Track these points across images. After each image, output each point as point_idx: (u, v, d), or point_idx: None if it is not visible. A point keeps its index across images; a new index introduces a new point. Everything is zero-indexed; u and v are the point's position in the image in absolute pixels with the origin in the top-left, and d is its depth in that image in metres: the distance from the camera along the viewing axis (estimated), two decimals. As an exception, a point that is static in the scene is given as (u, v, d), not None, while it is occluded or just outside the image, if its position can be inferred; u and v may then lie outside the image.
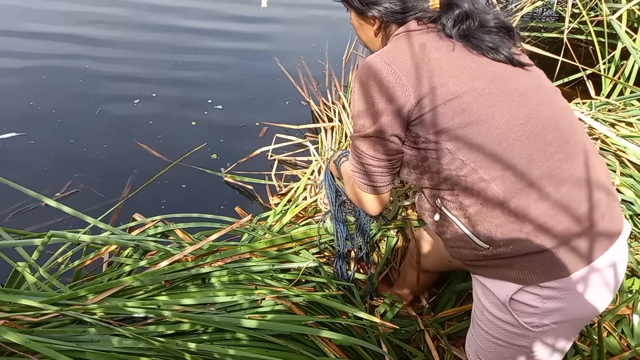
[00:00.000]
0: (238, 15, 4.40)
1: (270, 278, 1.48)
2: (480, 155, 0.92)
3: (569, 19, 2.79)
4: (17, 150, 2.56)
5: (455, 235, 1.00)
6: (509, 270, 0.93)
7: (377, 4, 1.05)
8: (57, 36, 3.77)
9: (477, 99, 0.93)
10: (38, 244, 1.47)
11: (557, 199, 0.91)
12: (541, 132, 0.94)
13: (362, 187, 1.09)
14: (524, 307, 0.94)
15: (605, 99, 2.36)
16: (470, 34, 0.98)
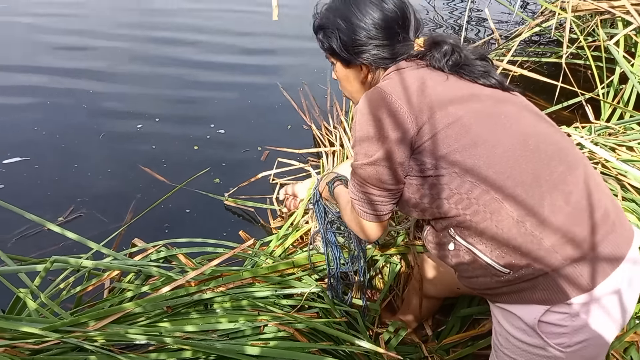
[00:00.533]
0: (241, 42, 4.47)
1: (273, 304, 1.47)
2: (489, 175, 0.92)
3: (566, 44, 2.84)
4: (21, 175, 2.58)
5: (472, 264, 0.99)
6: (533, 292, 0.92)
7: (365, 52, 1.07)
8: (61, 63, 3.83)
9: (477, 120, 0.95)
10: (40, 269, 1.46)
11: (569, 210, 0.91)
12: (542, 147, 0.96)
13: (364, 215, 1.09)
14: (554, 328, 0.92)
15: (605, 123, 2.38)
16: (461, 64, 1.02)
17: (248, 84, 3.74)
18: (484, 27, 5.05)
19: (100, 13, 4.88)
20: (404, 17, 1.07)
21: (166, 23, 4.78)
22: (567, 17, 2.87)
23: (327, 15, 1.11)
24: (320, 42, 1.15)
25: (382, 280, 1.86)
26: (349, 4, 1.07)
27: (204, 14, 5.11)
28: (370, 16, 1.05)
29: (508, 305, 0.98)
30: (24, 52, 3.93)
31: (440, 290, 1.57)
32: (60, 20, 4.57)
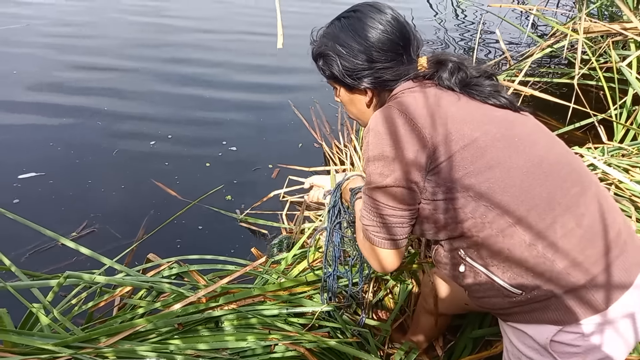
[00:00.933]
0: (254, 61, 4.53)
1: (284, 322, 1.47)
2: (504, 199, 0.92)
3: (579, 65, 2.84)
4: (36, 190, 2.61)
5: (484, 285, 0.98)
6: (545, 312, 0.91)
7: (367, 76, 1.05)
8: (77, 82, 3.90)
9: (493, 142, 0.94)
10: (53, 285, 1.47)
11: (581, 233, 0.91)
12: (555, 169, 0.95)
13: (380, 242, 1.03)
14: (566, 348, 0.92)
15: (618, 144, 2.37)
16: (469, 83, 1.01)
17: (260, 103, 3.78)
18: (494, 48, 5.07)
19: (116, 34, 4.98)
20: (404, 37, 1.05)
21: (178, 43, 4.87)
22: (578, 39, 2.88)
23: (325, 42, 1.09)
24: (321, 69, 1.14)
25: (393, 301, 1.85)
26: (347, 29, 1.05)
27: (216, 34, 5.20)
28: (371, 40, 1.03)
29: (520, 325, 0.97)
30: (41, 70, 4.01)
31: (450, 307, 1.55)
32: (77, 40, 4.67)
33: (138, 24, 5.22)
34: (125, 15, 5.48)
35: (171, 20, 5.43)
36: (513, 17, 5.81)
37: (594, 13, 4.33)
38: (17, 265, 1.56)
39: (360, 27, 1.03)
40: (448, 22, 5.86)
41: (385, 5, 1.07)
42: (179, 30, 5.17)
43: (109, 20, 5.28)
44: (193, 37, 5.00)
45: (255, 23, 5.56)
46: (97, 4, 5.76)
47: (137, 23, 5.24)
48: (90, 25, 5.08)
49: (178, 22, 5.37)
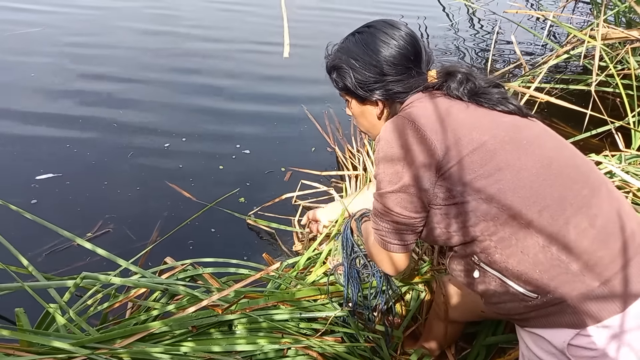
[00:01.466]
0: (268, 67, 4.56)
1: (297, 327, 1.47)
2: (515, 200, 0.92)
3: (596, 72, 2.81)
4: (53, 191, 2.64)
5: (499, 291, 0.99)
6: (562, 315, 0.91)
7: (379, 88, 1.10)
8: (93, 86, 3.95)
9: (502, 145, 0.96)
10: (70, 285, 1.49)
11: (595, 233, 0.91)
12: (565, 170, 0.96)
13: (388, 246, 1.07)
14: (584, 352, 0.91)
15: (636, 152, 2.34)
16: (478, 92, 1.03)
17: (274, 108, 3.79)
18: (510, 55, 5.05)
19: (131, 40, 5.03)
20: (415, 51, 1.09)
21: (191, 51, 4.91)
22: (596, 45, 2.85)
23: (339, 55, 1.15)
24: (334, 81, 1.19)
25: (405, 308, 1.84)
26: (360, 44, 1.10)
27: (227, 43, 5.24)
28: (383, 54, 1.07)
29: (537, 330, 0.97)
30: (58, 75, 4.06)
31: (464, 314, 1.54)
32: (90, 48, 4.72)
33: (151, 32, 5.27)
34: (138, 23, 5.55)
35: (183, 29, 5.49)
36: (529, 24, 5.78)
37: (611, 20, 4.29)
38: (33, 265, 1.59)
39: (372, 42, 1.08)
40: (463, 31, 5.84)
41: (398, 22, 1.12)
42: (191, 39, 5.21)
43: (122, 29, 5.34)
44: (204, 46, 5.04)
45: (266, 32, 5.59)
46: (110, 13, 5.84)
47: (150, 32, 5.30)
48: (103, 34, 5.14)
49: (190, 31, 5.41)
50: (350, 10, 6.31)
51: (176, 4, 6.29)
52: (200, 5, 6.35)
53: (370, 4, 6.65)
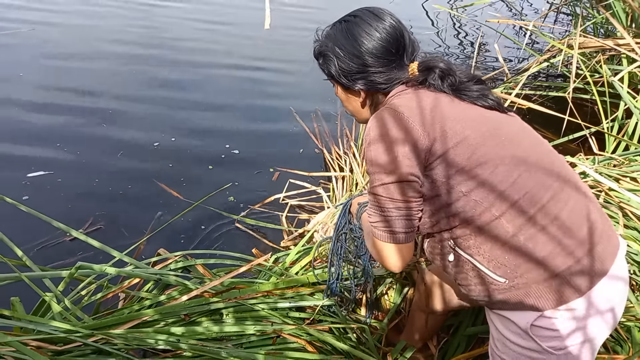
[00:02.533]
0: (258, 69, 4.62)
1: (286, 316, 1.53)
2: (492, 194, 0.99)
3: (573, 79, 2.93)
4: (44, 188, 2.68)
5: (470, 274, 1.06)
6: (526, 299, 0.99)
7: (361, 79, 1.12)
8: (81, 85, 3.98)
9: (484, 140, 1.01)
10: (65, 276, 1.53)
11: (560, 225, 0.98)
12: (538, 167, 1.03)
13: (388, 238, 1.06)
14: (546, 332, 0.99)
15: (609, 155, 2.45)
16: (459, 87, 1.08)
17: (263, 109, 3.87)
18: (492, 62, 5.18)
19: (119, 38, 5.06)
20: (397, 44, 1.11)
21: (184, 49, 4.96)
22: (573, 54, 2.97)
23: (326, 42, 1.16)
24: (320, 67, 1.22)
25: (389, 301, 1.90)
26: (345, 33, 1.12)
27: (220, 40, 5.30)
28: (365, 45, 1.09)
29: (504, 312, 1.04)
30: (47, 74, 4.08)
31: (444, 305, 1.59)
32: (81, 46, 4.75)
33: (139, 35, 5.31)
34: (126, 20, 5.58)
35: (173, 24, 5.53)
36: (512, 32, 5.93)
37: (590, 30, 4.44)
38: (27, 258, 1.62)
39: (357, 32, 1.10)
40: (448, 39, 5.97)
41: (384, 12, 1.13)
42: (181, 34, 5.26)
43: (112, 25, 5.37)
44: (196, 43, 5.09)
45: (259, 30, 5.65)
46: (101, 9, 5.86)
47: (138, 34, 5.33)
48: (94, 30, 5.16)
49: (179, 25, 5.46)
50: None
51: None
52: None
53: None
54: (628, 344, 1.65)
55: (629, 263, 1.81)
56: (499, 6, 6.46)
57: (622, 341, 1.67)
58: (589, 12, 4.45)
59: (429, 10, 6.84)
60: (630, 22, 3.32)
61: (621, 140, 2.82)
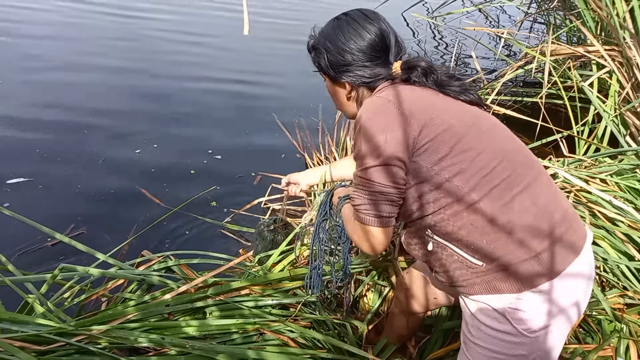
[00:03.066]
0: (241, 76, 4.66)
1: (269, 313, 1.56)
2: (473, 179, 1.05)
3: (546, 85, 3.04)
4: (25, 194, 2.67)
5: (450, 260, 1.11)
6: (503, 281, 1.05)
7: (348, 72, 1.21)
8: (63, 89, 3.98)
9: (467, 130, 1.08)
10: (48, 278, 1.54)
11: (535, 210, 1.05)
12: (514, 156, 1.10)
13: (370, 220, 1.10)
14: (521, 314, 1.05)
15: (578, 157, 2.55)
16: (442, 83, 1.15)
17: (246, 115, 3.91)
18: (470, 69, 5.31)
19: (100, 48, 5.06)
20: (383, 43, 1.20)
21: (163, 53, 4.99)
22: (546, 61, 3.08)
23: (318, 38, 1.26)
24: (312, 60, 1.31)
25: (368, 303, 1.93)
26: (336, 30, 1.21)
27: (201, 46, 5.33)
28: (353, 41, 1.19)
29: (481, 296, 1.09)
30: (24, 81, 4.06)
31: (422, 304, 1.63)
32: (58, 52, 4.75)
33: (122, 40, 5.32)
34: (105, 31, 5.58)
35: (155, 32, 5.55)
36: (491, 41, 6.08)
37: (564, 38, 4.59)
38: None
39: (347, 29, 1.20)
40: (428, 47, 6.10)
41: (374, 14, 1.23)
42: (163, 41, 5.29)
43: (92, 37, 5.38)
44: (177, 50, 5.12)
45: (241, 38, 5.70)
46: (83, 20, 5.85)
47: (121, 39, 5.34)
48: (73, 41, 5.15)
49: (162, 33, 5.48)
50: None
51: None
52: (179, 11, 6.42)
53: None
54: (598, 335, 1.72)
55: (596, 260, 1.89)
56: (477, 16, 6.63)
57: (592, 332, 1.75)
58: (562, 21, 4.60)
59: (409, 19, 6.98)
60: (600, 30, 3.45)
61: (591, 144, 2.92)
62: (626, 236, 1.91)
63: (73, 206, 2.63)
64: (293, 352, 1.41)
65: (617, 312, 1.73)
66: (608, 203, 1.97)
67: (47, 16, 5.77)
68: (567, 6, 4.18)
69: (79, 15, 5.97)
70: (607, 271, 1.89)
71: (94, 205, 2.67)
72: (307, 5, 7.52)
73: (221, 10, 6.69)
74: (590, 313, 1.76)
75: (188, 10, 6.62)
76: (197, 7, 6.80)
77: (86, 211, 2.60)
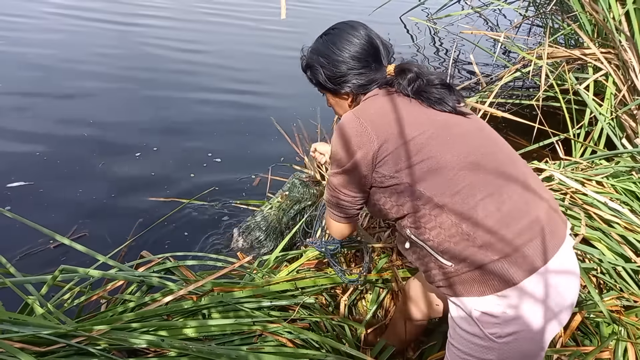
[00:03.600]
0: (240, 80, 4.69)
1: (268, 315, 1.57)
2: (434, 185, 1.10)
3: (543, 88, 3.05)
4: (26, 198, 2.69)
5: (425, 259, 1.16)
6: (471, 284, 1.07)
7: (346, 82, 1.27)
8: (60, 95, 4.00)
9: (428, 140, 1.13)
10: (48, 279, 1.55)
11: (499, 216, 1.07)
12: (482, 163, 1.13)
13: (333, 216, 1.31)
14: (487, 318, 1.07)
15: (574, 159, 2.57)
16: (421, 90, 1.20)
17: (245, 118, 3.93)
18: (469, 72, 5.33)
19: (99, 50, 5.09)
20: (374, 49, 1.26)
21: (166, 58, 5.01)
22: (542, 64, 3.10)
23: (311, 55, 1.31)
24: (309, 79, 1.36)
25: (367, 304, 1.94)
26: (327, 44, 1.27)
27: (203, 50, 5.35)
28: (346, 51, 1.24)
29: (455, 298, 1.13)
30: (26, 83, 4.08)
31: (425, 312, 1.65)
32: (58, 56, 4.77)
33: (115, 34, 5.34)
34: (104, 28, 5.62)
35: (157, 40, 5.57)
36: (488, 44, 6.11)
37: (562, 41, 4.61)
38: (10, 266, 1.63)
39: (337, 41, 1.26)
40: (427, 50, 6.12)
41: (358, 23, 1.29)
42: (164, 48, 5.31)
43: (90, 33, 5.40)
44: (179, 56, 5.13)
45: (244, 40, 5.72)
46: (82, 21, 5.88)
47: (120, 42, 5.37)
48: (73, 46, 5.18)
49: (160, 41, 5.51)
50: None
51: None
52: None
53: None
54: (596, 337, 1.73)
55: (592, 262, 1.90)
56: (475, 19, 6.66)
57: (590, 335, 1.76)
58: (560, 24, 4.63)
59: (407, 23, 7.01)
60: (597, 33, 3.47)
61: (587, 146, 2.94)
62: (622, 238, 1.92)
63: (74, 209, 2.65)
64: (291, 353, 1.42)
65: (615, 315, 1.74)
66: (604, 205, 1.98)
67: (45, 24, 5.79)
68: (565, 9, 4.20)
69: (78, 23, 5.99)
70: (604, 273, 1.90)
71: (96, 208, 2.68)
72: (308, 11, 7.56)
73: (219, 17, 6.71)
74: (588, 315, 1.77)
75: (187, 17, 6.63)
76: (196, 15, 6.82)
77: (88, 214, 2.62)
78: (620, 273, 1.90)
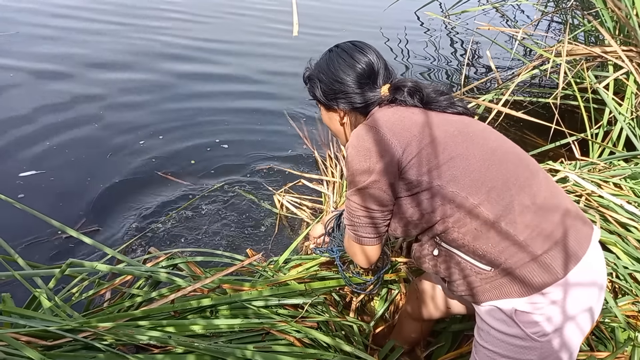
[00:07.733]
0: (252, 73, 4.67)
1: (276, 314, 1.55)
2: (467, 183, 1.06)
3: (562, 86, 2.98)
4: (39, 187, 2.71)
5: (458, 267, 1.11)
6: (512, 285, 1.04)
7: (340, 99, 1.28)
8: (73, 80, 4.02)
9: (452, 139, 1.11)
10: (56, 273, 1.55)
11: (536, 209, 1.05)
12: (507, 157, 1.11)
13: (361, 239, 1.21)
14: (529, 317, 1.04)
15: (590, 160, 2.51)
16: (427, 100, 1.19)
17: (258, 111, 3.92)
18: (485, 67, 5.25)
19: (110, 40, 5.09)
20: (372, 70, 1.26)
21: (177, 47, 5.00)
22: (561, 62, 3.03)
23: (313, 70, 1.35)
24: (308, 90, 1.38)
25: (375, 305, 1.92)
26: (328, 62, 1.29)
27: (215, 40, 5.33)
28: (343, 72, 1.26)
29: (491, 302, 1.09)
30: (34, 75, 4.10)
31: (434, 312, 1.63)
32: (67, 47, 4.78)
33: (132, 30, 5.34)
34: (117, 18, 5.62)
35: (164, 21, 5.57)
36: (505, 39, 6.01)
37: (582, 38, 4.51)
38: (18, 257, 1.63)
39: (337, 61, 1.28)
40: (442, 46, 6.04)
41: (364, 44, 1.30)
42: (176, 36, 5.31)
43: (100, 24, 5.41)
44: (191, 43, 5.13)
45: (256, 32, 5.70)
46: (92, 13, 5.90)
47: (131, 29, 5.37)
48: (81, 34, 5.18)
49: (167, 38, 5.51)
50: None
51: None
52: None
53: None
54: (612, 343, 1.69)
55: (608, 266, 1.85)
56: (492, 14, 6.55)
57: (605, 340, 1.72)
58: (580, 20, 4.52)
59: (422, 18, 6.93)
60: (619, 31, 3.38)
61: (605, 147, 2.87)
62: (639, 242, 1.87)
63: (83, 199, 2.67)
64: (299, 352, 1.40)
65: (631, 320, 1.69)
66: (620, 207, 1.93)
67: (53, 18, 5.79)
68: (585, 5, 4.10)
69: (86, 15, 6.00)
70: (620, 278, 1.85)
71: (103, 198, 2.70)
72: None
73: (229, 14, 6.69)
74: (603, 320, 1.73)
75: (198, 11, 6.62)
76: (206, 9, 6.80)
77: (95, 204, 2.63)
78: (636, 278, 1.85)
